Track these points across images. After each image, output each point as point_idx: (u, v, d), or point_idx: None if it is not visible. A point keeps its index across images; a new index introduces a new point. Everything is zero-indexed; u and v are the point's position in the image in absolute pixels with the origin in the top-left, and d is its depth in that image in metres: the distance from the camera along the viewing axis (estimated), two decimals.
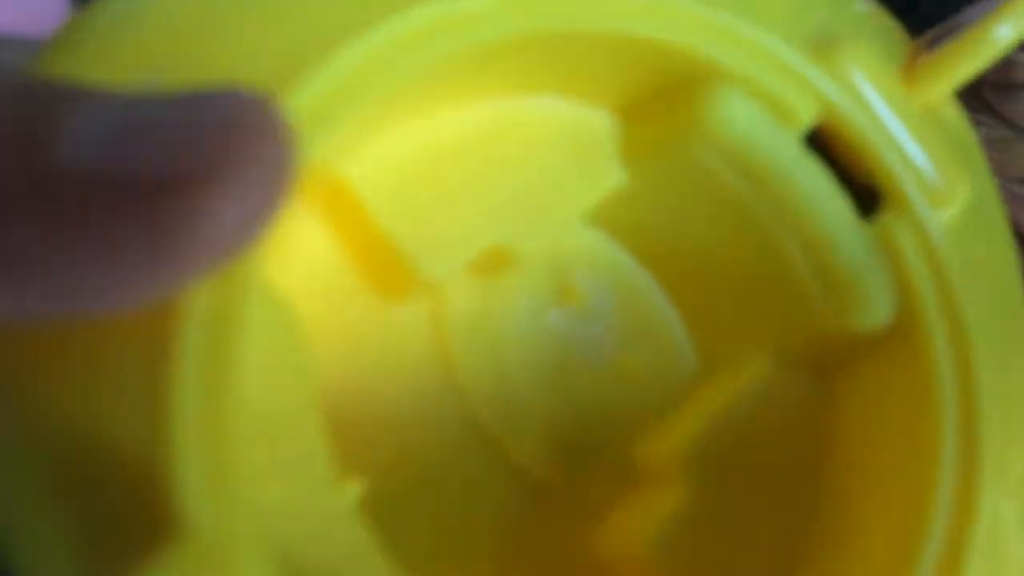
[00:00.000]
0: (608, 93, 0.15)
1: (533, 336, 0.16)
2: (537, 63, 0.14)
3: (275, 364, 0.12)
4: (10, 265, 0.09)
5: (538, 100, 0.15)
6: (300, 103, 0.11)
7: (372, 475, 0.13)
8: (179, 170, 0.09)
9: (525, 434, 0.16)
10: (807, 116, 0.15)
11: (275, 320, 0.12)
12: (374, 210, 0.14)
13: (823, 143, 0.15)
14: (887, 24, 0.16)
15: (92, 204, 0.09)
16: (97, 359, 0.10)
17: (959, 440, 0.14)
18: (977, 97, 0.27)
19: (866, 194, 0.15)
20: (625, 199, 0.16)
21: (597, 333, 0.17)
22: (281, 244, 0.11)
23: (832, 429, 0.16)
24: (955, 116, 0.16)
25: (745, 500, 0.15)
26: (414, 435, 0.15)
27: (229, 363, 0.10)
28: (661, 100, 0.15)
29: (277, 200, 0.10)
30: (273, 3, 0.12)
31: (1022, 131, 0.26)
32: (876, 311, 0.15)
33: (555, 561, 0.15)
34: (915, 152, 0.15)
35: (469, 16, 0.13)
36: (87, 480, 0.10)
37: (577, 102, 0.15)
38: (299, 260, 0.14)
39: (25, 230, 0.09)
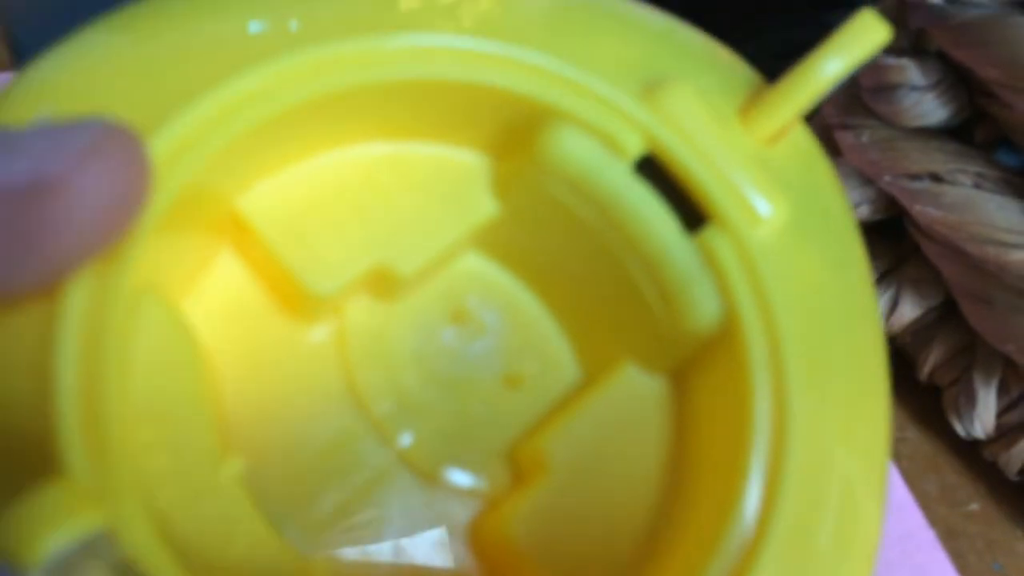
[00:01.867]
0: (475, 137, 0.18)
1: (427, 352, 0.18)
2: (409, 112, 0.17)
3: (165, 358, 0.15)
4: None
5: (416, 145, 0.18)
6: (162, 140, 0.14)
7: (267, 463, 0.16)
8: (39, 174, 0.11)
9: (419, 437, 0.18)
10: (635, 148, 0.17)
11: (166, 321, 0.15)
12: (270, 238, 0.17)
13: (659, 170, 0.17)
14: (727, 64, 0.18)
15: None
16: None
17: (771, 427, 0.16)
18: (859, 103, 0.28)
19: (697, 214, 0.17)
20: (503, 227, 0.18)
21: (487, 348, 0.19)
22: (201, 278, 0.17)
23: (684, 426, 0.17)
24: (797, 146, 0.18)
25: (607, 490, 0.17)
26: (311, 432, 0.17)
27: (107, 343, 0.13)
28: (516, 139, 0.17)
29: (128, 196, 0.13)
30: (144, 69, 0.15)
31: (902, 129, 0.27)
32: (703, 315, 0.17)
33: (444, 545, 0.17)
34: (734, 177, 0.16)
35: (318, 66, 0.15)
36: None
37: (451, 146, 0.18)
38: (217, 290, 0.17)
39: None
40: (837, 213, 0.18)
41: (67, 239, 0.12)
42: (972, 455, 0.30)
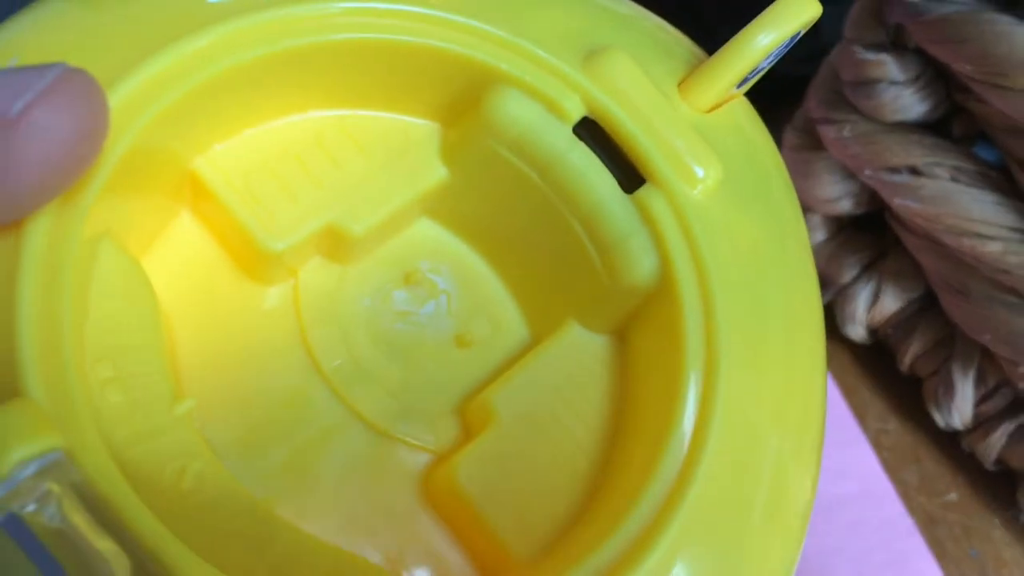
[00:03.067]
0: (422, 104, 0.19)
1: (380, 312, 0.19)
2: (358, 77, 0.18)
3: (122, 303, 0.16)
4: None
5: (366, 112, 0.19)
6: (116, 94, 0.15)
7: (220, 414, 0.17)
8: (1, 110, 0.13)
9: (370, 394, 0.18)
10: (575, 112, 0.18)
11: (123, 268, 0.16)
12: (225, 198, 0.17)
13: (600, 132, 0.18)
14: (668, 39, 0.19)
15: None
16: None
17: (702, 376, 0.16)
18: (841, 98, 0.28)
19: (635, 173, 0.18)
20: (452, 192, 0.19)
21: (438, 310, 0.20)
22: (161, 239, 0.18)
23: (626, 381, 0.18)
24: (736, 116, 0.19)
25: (551, 440, 0.18)
26: (264, 386, 0.18)
27: (64, 280, 0.14)
28: (462, 106, 0.18)
29: (88, 132, 0.14)
30: (102, 32, 0.16)
31: (882, 123, 0.28)
32: (640, 270, 0.17)
33: (395, 496, 0.18)
34: (669, 140, 0.17)
35: (265, 30, 0.16)
36: None
37: (400, 113, 0.19)
38: (176, 250, 0.18)
39: None
40: (774, 182, 0.19)
41: (29, 172, 0.13)
42: (951, 445, 0.30)
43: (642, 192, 0.17)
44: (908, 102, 0.27)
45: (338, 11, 0.17)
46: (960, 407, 0.28)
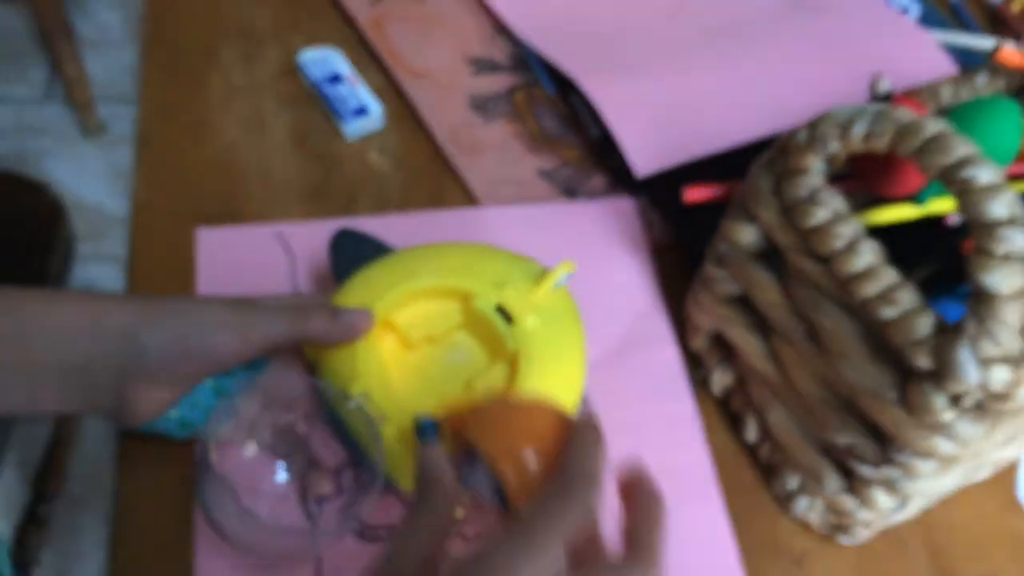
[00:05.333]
0: (456, 299, 0.50)
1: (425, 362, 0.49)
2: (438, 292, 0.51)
3: (385, 360, 0.48)
4: None
5: (439, 301, 0.51)
6: (378, 307, 0.48)
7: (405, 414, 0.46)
8: (352, 323, 0.46)
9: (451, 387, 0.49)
10: (495, 303, 0.48)
11: (378, 351, 0.47)
12: (403, 330, 0.49)
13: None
14: (534, 269, 0.51)
15: None
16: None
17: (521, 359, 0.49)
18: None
19: None
20: (465, 325, 0.51)
21: (458, 357, 0.50)
22: (376, 345, 0.47)
23: (512, 369, 0.48)
24: (554, 298, 0.50)
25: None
26: (421, 385, 0.49)
27: (374, 354, 0.47)
28: (466, 302, 0.49)
29: (367, 328, 0.46)
30: (372, 293, 0.48)
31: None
32: (510, 347, 0.48)
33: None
34: (523, 310, 0.48)
35: (426, 284, 0.50)
36: None
37: (454, 302, 0.51)
38: (381, 349, 0.48)
39: None
40: (565, 317, 0.50)
41: (357, 332, 0.45)
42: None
43: (512, 325, 0.47)
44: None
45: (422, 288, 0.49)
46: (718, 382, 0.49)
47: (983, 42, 0.72)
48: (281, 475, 0.45)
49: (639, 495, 0.35)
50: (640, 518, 0.34)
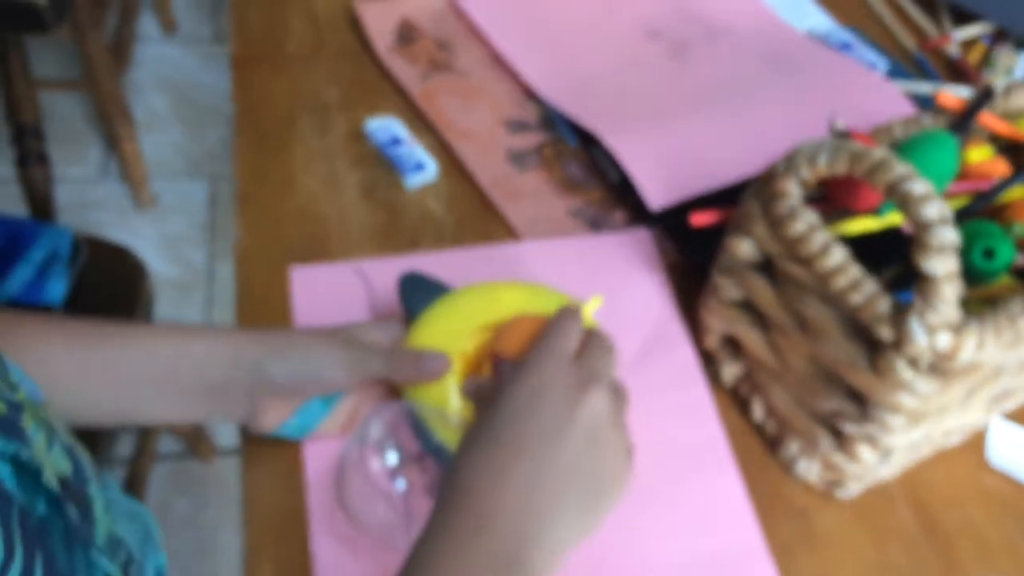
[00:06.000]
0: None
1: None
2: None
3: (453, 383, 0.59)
4: None
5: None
6: (451, 347, 0.58)
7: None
8: (425, 365, 0.56)
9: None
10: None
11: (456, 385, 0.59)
12: (472, 357, 0.60)
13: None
14: (573, 303, 0.60)
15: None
16: None
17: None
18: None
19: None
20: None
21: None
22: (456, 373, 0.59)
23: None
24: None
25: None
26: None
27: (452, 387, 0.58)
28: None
29: (445, 371, 0.57)
30: (440, 330, 0.59)
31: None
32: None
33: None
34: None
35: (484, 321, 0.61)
36: None
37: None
38: (457, 373, 0.59)
39: None
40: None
41: (436, 376, 0.56)
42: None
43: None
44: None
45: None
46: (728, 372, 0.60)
47: (945, 89, 0.84)
48: (400, 483, 0.55)
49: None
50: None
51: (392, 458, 0.53)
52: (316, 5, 0.88)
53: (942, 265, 0.48)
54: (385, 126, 0.76)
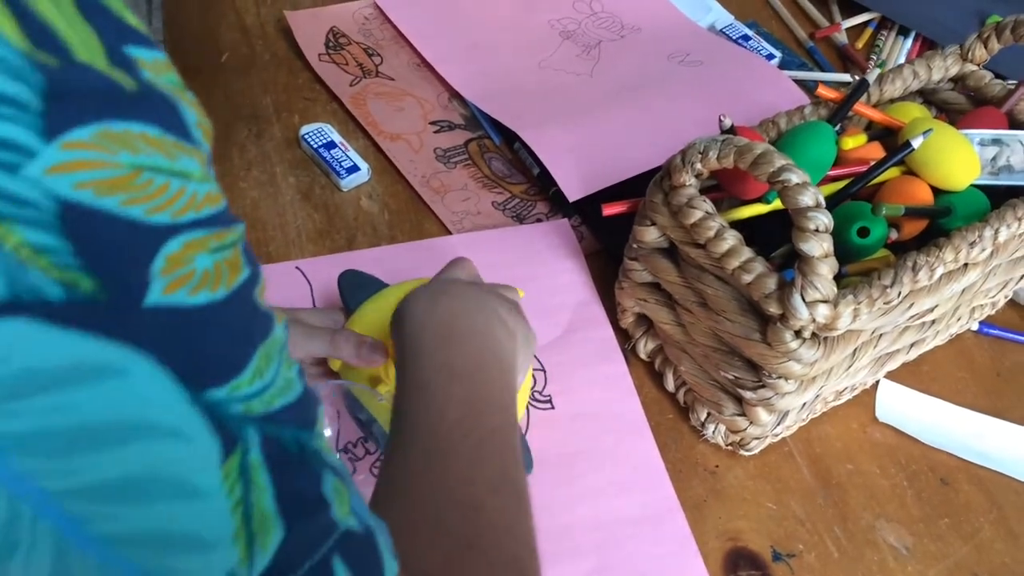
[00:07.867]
0: None
1: None
2: None
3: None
4: None
5: None
6: (386, 341, 0.59)
7: None
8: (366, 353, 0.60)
9: None
10: None
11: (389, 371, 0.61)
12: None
13: None
14: None
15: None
16: None
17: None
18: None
19: None
20: None
21: None
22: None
23: None
24: None
25: None
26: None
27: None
28: None
29: (383, 359, 0.60)
30: (374, 320, 0.63)
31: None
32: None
33: None
34: None
35: None
36: None
37: None
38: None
39: None
40: None
41: (375, 362, 0.59)
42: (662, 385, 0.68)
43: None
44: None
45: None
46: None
47: (831, 77, 0.92)
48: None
49: None
50: None
51: (327, 432, 0.58)
52: (247, 16, 0.91)
53: (817, 246, 0.54)
54: (319, 131, 0.81)
